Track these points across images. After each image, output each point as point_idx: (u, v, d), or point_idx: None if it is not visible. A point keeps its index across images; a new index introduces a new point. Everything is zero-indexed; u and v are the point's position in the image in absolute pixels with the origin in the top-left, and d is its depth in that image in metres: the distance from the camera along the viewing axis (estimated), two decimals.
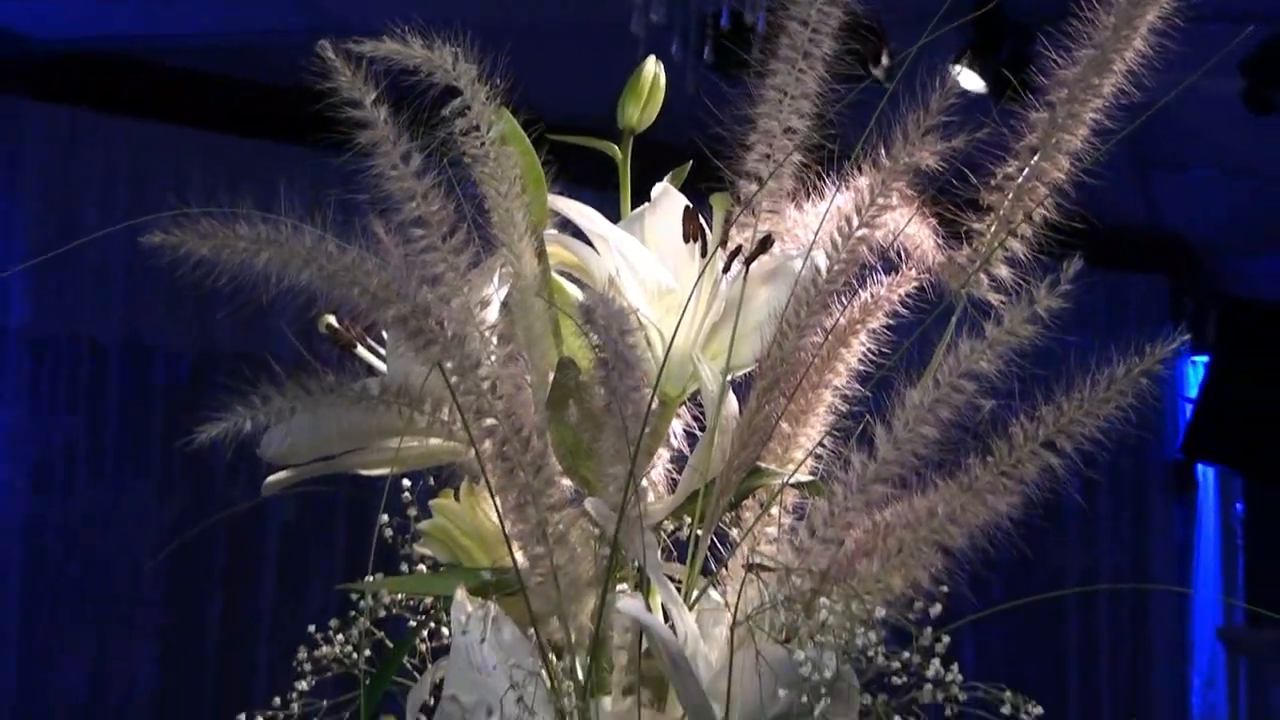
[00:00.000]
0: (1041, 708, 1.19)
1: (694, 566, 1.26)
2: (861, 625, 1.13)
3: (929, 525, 1.22)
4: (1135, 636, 9.46)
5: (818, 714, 1.10)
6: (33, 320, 6.88)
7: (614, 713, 1.19)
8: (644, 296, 1.28)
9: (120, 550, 6.97)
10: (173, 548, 6.75)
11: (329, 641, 1.33)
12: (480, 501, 1.31)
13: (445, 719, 1.17)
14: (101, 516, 6.96)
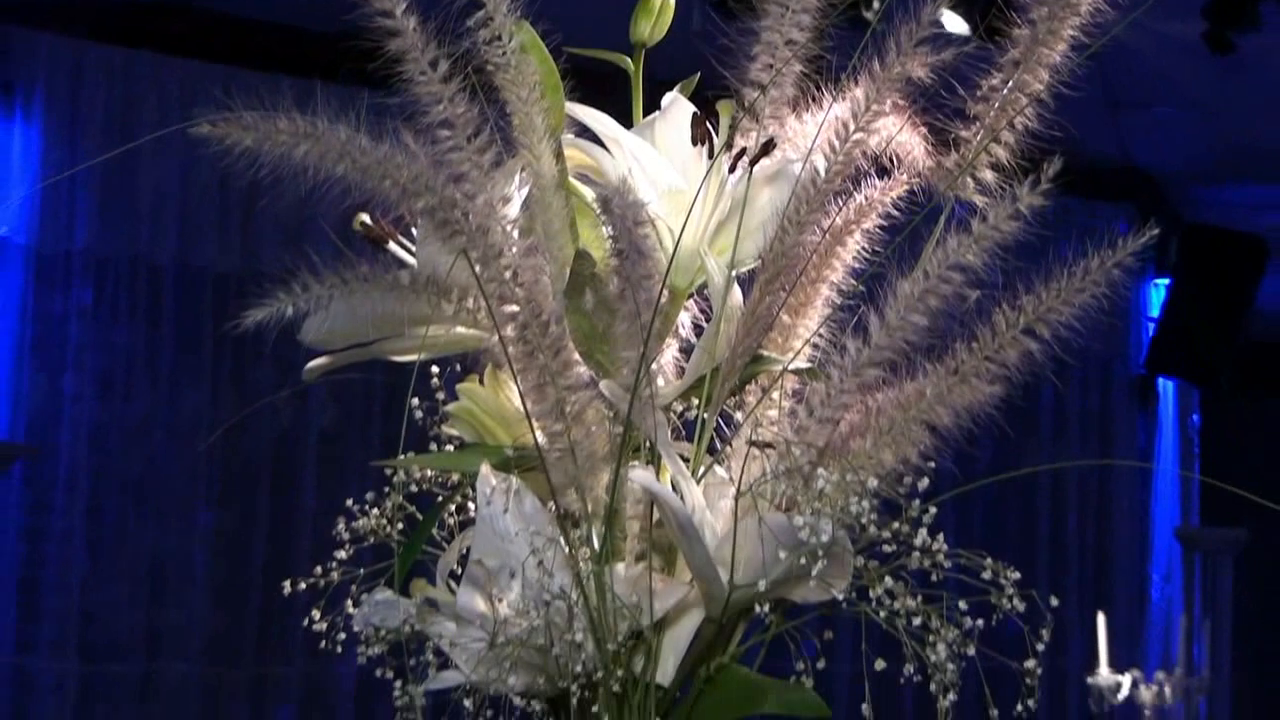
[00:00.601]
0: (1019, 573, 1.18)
1: (701, 444, 1.26)
2: (855, 495, 1.13)
3: (918, 406, 1.21)
4: (1100, 535, 9.51)
5: (815, 574, 1.09)
6: (95, 244, 6.91)
7: (627, 578, 1.18)
8: (655, 195, 1.27)
9: (176, 451, 7.01)
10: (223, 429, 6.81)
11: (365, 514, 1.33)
12: (503, 385, 1.31)
13: (472, 582, 1.17)
14: (159, 420, 6.99)
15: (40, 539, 6.71)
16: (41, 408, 6.75)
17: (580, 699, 1.16)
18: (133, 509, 6.90)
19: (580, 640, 1.12)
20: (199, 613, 7.01)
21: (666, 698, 1.18)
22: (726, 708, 1.19)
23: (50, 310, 6.82)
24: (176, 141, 6.97)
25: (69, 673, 6.68)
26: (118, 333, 6.96)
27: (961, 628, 1.16)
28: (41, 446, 6.67)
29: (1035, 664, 1.18)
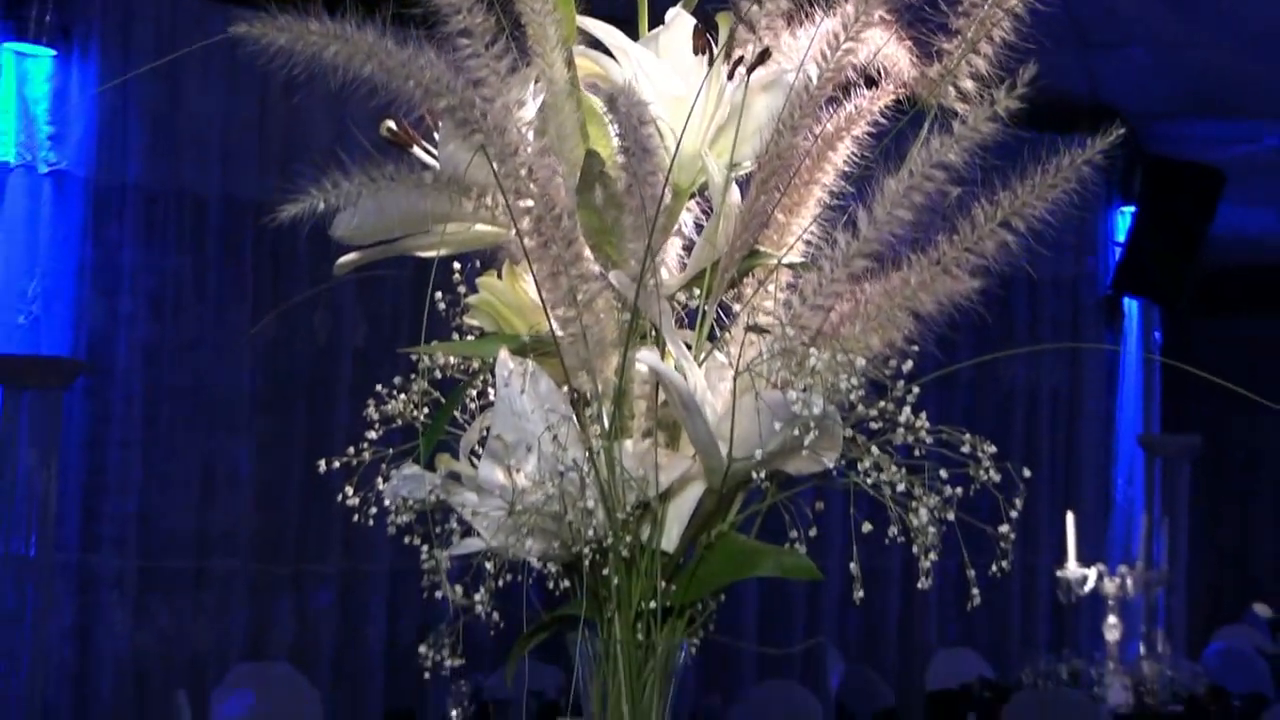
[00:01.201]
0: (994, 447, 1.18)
1: (702, 331, 1.25)
2: (845, 373, 1.12)
3: (903, 294, 1.21)
4: (1069, 442, 9.53)
5: (807, 445, 1.09)
6: (146, 177, 6.91)
7: (634, 453, 1.18)
8: (659, 101, 1.26)
9: (222, 366, 7.03)
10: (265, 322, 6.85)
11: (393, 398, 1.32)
12: (519, 278, 1.30)
13: (491, 455, 1.17)
14: (206, 338, 7.00)
15: (101, 448, 6.73)
16: (100, 328, 6.75)
17: (592, 563, 1.16)
18: (183, 419, 6.92)
19: (592, 508, 1.12)
20: (244, 514, 7.04)
21: (671, 562, 1.18)
22: (726, 571, 1.19)
23: (106, 237, 6.82)
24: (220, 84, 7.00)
25: (128, 568, 6.71)
26: (167, 258, 6.97)
27: (942, 495, 1.16)
28: (100, 363, 6.68)
29: (1009, 529, 1.18)
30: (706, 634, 1.22)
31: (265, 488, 7.10)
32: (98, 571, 6.64)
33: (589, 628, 1.17)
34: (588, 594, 1.18)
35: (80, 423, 6.63)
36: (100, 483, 6.69)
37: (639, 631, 1.16)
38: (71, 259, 6.69)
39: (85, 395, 6.65)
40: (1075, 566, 7.26)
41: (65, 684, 6.49)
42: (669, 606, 1.16)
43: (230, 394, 7.02)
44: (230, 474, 7.03)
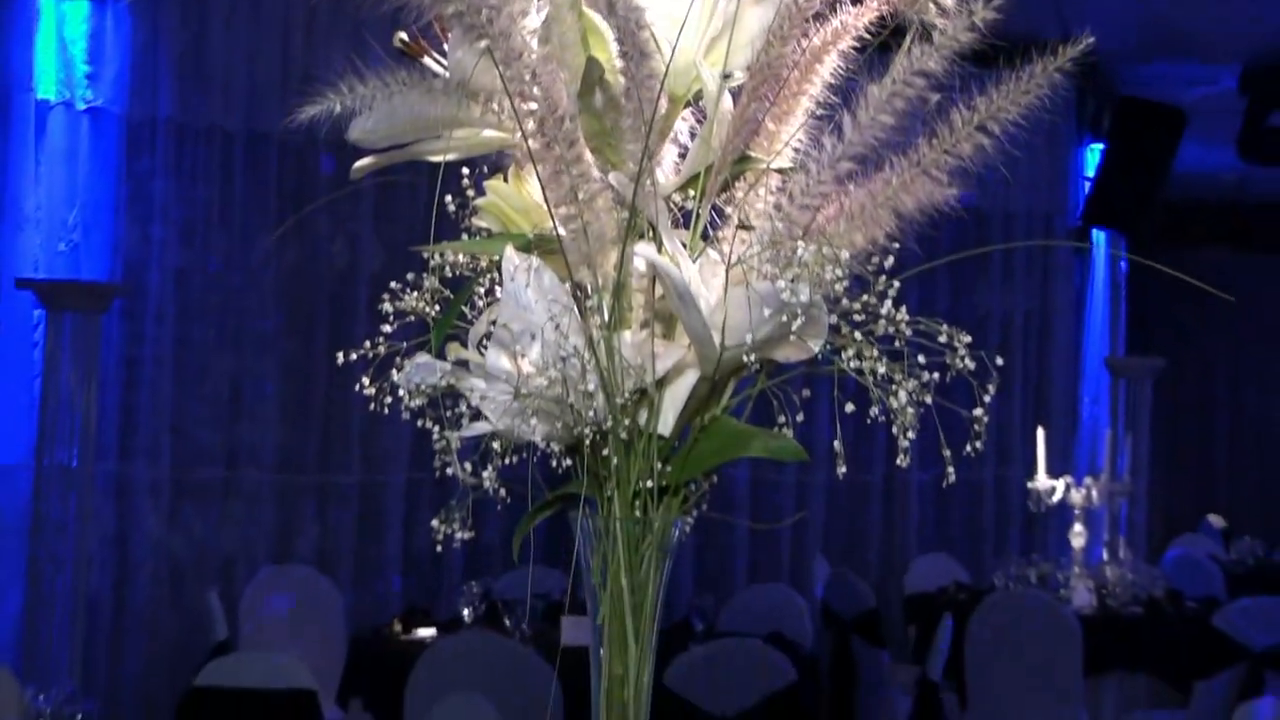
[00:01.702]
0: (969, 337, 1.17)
1: (696, 230, 1.24)
2: (830, 264, 1.11)
3: (885, 194, 1.20)
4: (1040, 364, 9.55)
5: (794, 331, 1.08)
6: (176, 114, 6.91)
7: (632, 343, 1.17)
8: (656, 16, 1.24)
9: (248, 289, 7.04)
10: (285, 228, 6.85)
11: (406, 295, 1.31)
12: (524, 182, 1.29)
13: (498, 343, 1.16)
14: (233, 264, 7.01)
15: (137, 366, 6.75)
16: (134, 255, 6.76)
17: (593, 444, 1.16)
18: (212, 340, 6.94)
19: (592, 391, 1.12)
20: (270, 428, 7.06)
21: (666, 445, 1.18)
22: (718, 452, 1.18)
23: (139, 170, 6.82)
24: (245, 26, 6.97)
25: (162, 478, 6.75)
26: (196, 189, 6.97)
27: (920, 379, 1.15)
28: (135, 286, 6.68)
29: (982, 412, 1.17)
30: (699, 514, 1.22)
31: (289, 404, 7.13)
32: (134, 481, 6.68)
33: (590, 505, 1.17)
34: (588, 474, 1.17)
35: (117, 343, 6.65)
36: (136, 399, 6.72)
37: (637, 509, 1.16)
38: (108, 190, 6.69)
39: (122, 317, 6.66)
40: (1044, 479, 7.28)
41: (106, 585, 6.54)
42: (665, 486, 1.16)
43: (255, 316, 7.04)
44: (256, 391, 7.05)
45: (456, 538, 1.19)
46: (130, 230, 6.76)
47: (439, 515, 1.21)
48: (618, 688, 1.12)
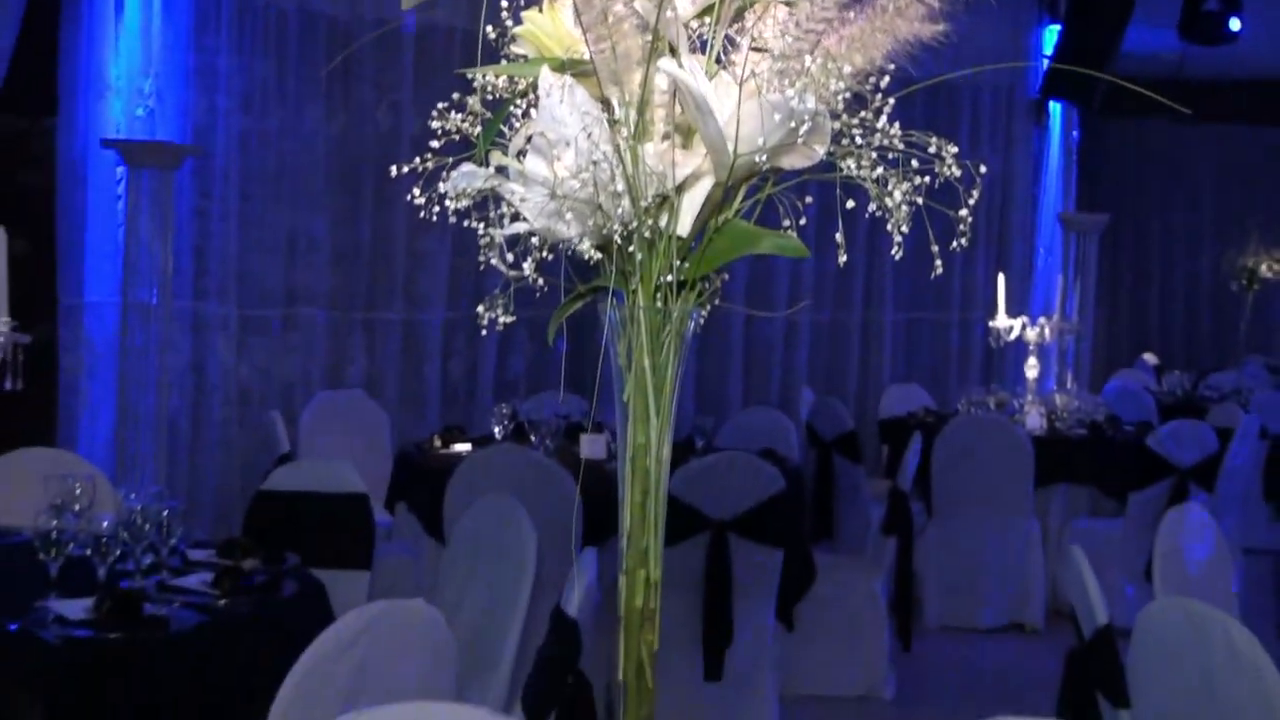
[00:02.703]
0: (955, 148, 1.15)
1: (711, 55, 1.22)
2: (834, 77, 1.09)
3: (882, 20, 1.17)
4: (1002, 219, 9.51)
5: (801, 135, 1.06)
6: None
7: (655, 152, 1.15)
8: None
9: (302, 152, 6.98)
10: None
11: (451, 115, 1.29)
12: (558, 11, 1.26)
13: (536, 150, 1.14)
14: (288, 130, 6.94)
15: (206, 218, 6.72)
16: (203, 120, 6.70)
17: (620, 243, 1.14)
18: (271, 195, 6.90)
19: (620, 191, 1.10)
20: (322, 272, 7.05)
21: (685, 244, 1.17)
22: (730, 250, 1.17)
23: (207, 44, 6.74)
24: None
25: (230, 315, 6.75)
26: (255, 63, 6.90)
27: (913, 182, 1.13)
28: (204, 146, 6.63)
29: (966, 213, 1.15)
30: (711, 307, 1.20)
31: (339, 251, 7.11)
32: (207, 318, 6.68)
33: (617, 297, 1.16)
34: (616, 270, 1.16)
35: (189, 197, 6.61)
36: (206, 246, 6.70)
37: (658, 300, 1.14)
38: (179, 63, 6.61)
39: (192, 175, 6.62)
40: (1003, 319, 7.28)
41: (184, 406, 6.57)
42: (683, 280, 1.15)
43: (308, 175, 7.00)
44: (310, 240, 7.02)
45: (499, 322, 1.17)
46: (199, 98, 6.69)
47: (483, 303, 1.20)
48: (641, 456, 1.11)
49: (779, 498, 5.04)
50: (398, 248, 7.24)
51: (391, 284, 7.25)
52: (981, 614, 6.69)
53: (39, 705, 2.78)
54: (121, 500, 3.47)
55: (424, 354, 7.37)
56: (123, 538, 3.27)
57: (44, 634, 2.91)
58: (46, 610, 3.03)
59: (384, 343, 7.26)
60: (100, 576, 3.18)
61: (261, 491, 4.52)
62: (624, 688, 1.08)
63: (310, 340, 7.00)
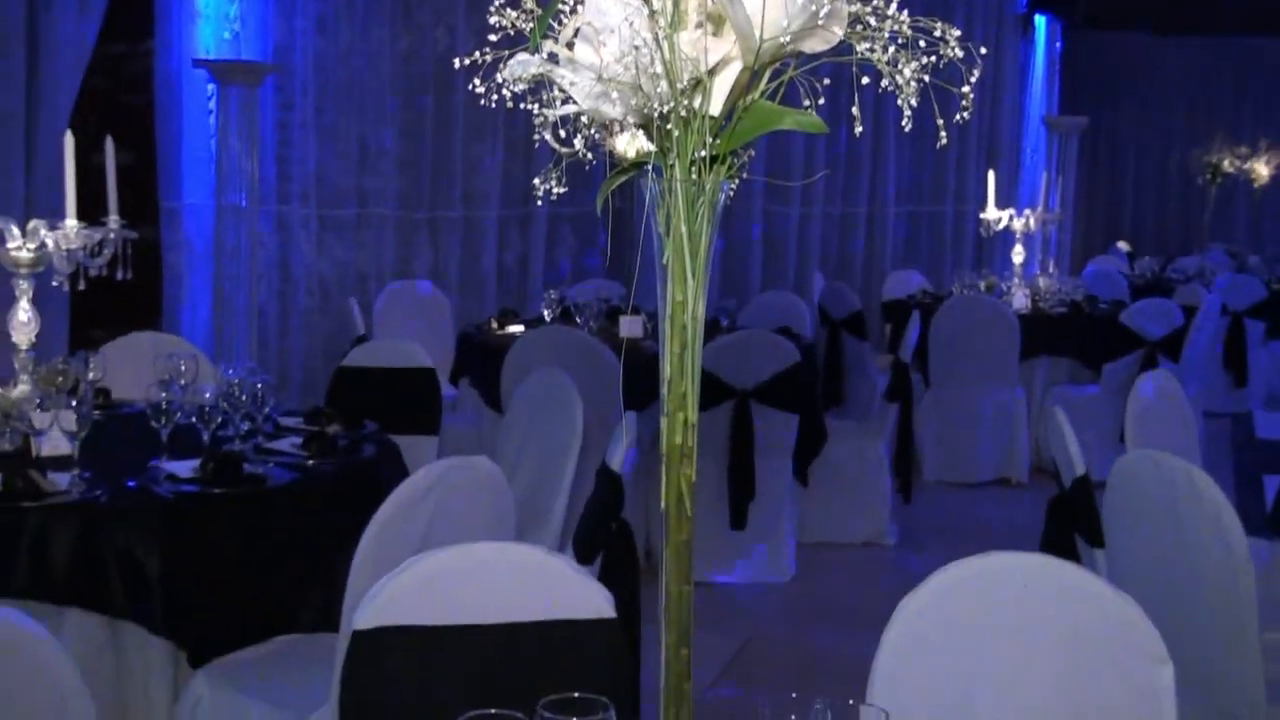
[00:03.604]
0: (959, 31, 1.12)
1: None
2: None
3: None
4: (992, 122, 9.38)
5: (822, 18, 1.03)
6: None
7: (689, 39, 1.12)
8: None
9: (371, 68, 6.91)
10: None
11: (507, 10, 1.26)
12: None
13: (584, 39, 1.12)
14: (357, 48, 6.86)
15: (288, 129, 6.67)
16: (282, 39, 6.62)
17: (659, 122, 1.12)
18: (344, 108, 6.84)
19: (659, 74, 1.08)
20: (390, 176, 7.02)
21: (716, 122, 1.14)
22: (757, 127, 1.14)
23: None
24: None
25: (310, 215, 6.73)
26: None
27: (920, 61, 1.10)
28: (284, 65, 6.57)
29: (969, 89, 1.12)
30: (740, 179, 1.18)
31: (404, 158, 7.07)
32: (290, 218, 6.67)
33: (656, 172, 1.14)
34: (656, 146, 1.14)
35: (272, 111, 6.56)
36: (288, 154, 6.67)
37: (693, 173, 1.12)
38: None
39: (274, 91, 6.56)
40: (993, 211, 7.20)
41: (273, 296, 6.59)
42: (715, 155, 1.13)
43: (377, 90, 6.93)
44: (379, 148, 6.97)
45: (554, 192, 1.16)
46: (279, 21, 6.61)
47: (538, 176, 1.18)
48: (679, 312, 1.10)
49: (795, 369, 5.04)
50: (456, 155, 7.19)
51: (451, 186, 7.22)
52: (973, 470, 6.71)
53: (155, 550, 2.82)
54: (220, 375, 3.49)
55: (481, 247, 7.35)
56: (223, 407, 3.29)
57: (158, 489, 2.95)
58: (159, 469, 3.07)
59: (446, 238, 7.24)
60: (204, 440, 3.21)
61: (341, 368, 4.55)
62: (666, 515, 1.08)
63: (381, 237, 6.98)
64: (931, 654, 2.01)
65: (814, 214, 8.59)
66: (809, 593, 5.10)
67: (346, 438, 3.46)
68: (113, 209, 3.52)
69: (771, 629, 4.74)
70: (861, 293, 8.08)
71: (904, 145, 8.89)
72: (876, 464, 5.69)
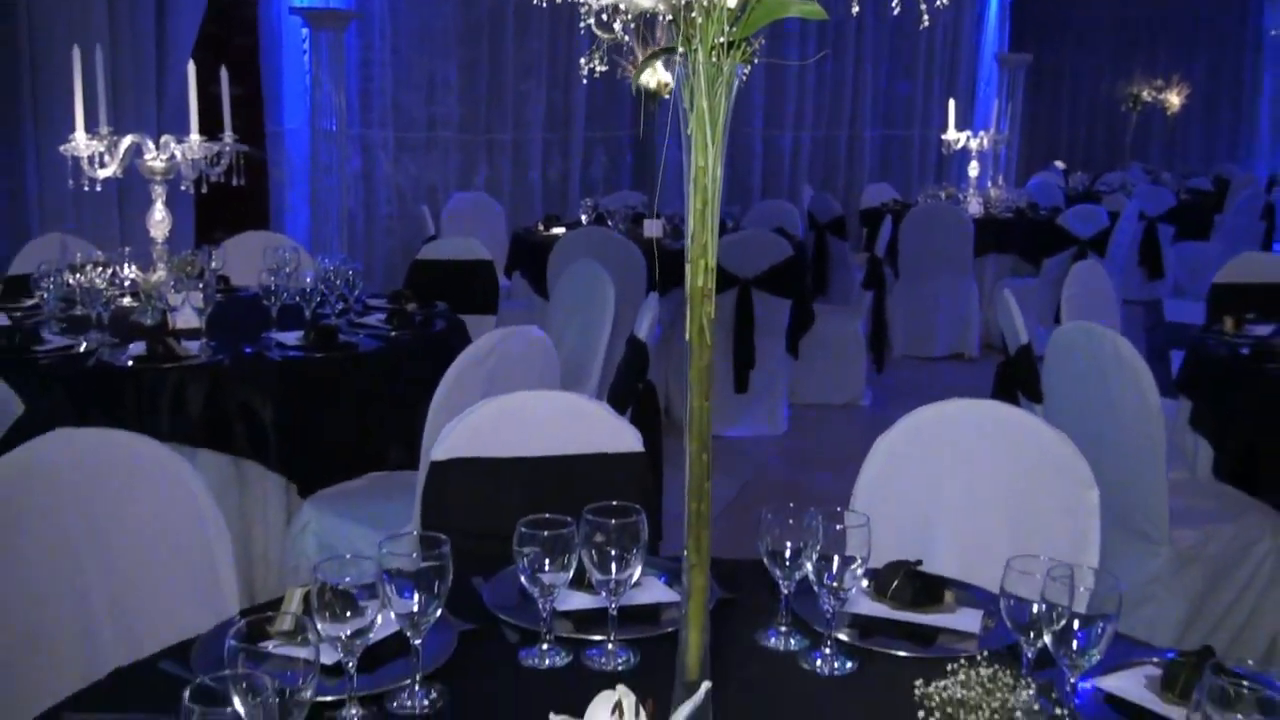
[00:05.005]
0: None
1: None
2: None
3: None
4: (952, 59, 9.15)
5: None
6: None
7: None
8: None
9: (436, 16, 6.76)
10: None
11: None
12: None
13: None
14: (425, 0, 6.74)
15: (369, 65, 6.57)
16: None
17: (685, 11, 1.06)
18: (415, 47, 6.72)
19: None
20: (453, 105, 6.92)
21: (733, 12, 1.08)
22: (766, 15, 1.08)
23: None
24: None
25: (389, 138, 6.65)
26: None
27: None
28: (364, 12, 6.44)
29: None
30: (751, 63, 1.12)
31: (465, 90, 6.95)
32: (372, 140, 6.59)
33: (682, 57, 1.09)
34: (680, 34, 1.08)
35: (355, 50, 6.45)
36: (369, 87, 6.57)
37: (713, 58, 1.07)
38: None
39: (356, 34, 6.44)
40: (953, 132, 7.06)
41: (358, 205, 6.54)
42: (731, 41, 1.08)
43: (443, 32, 6.79)
44: (445, 81, 6.86)
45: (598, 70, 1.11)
46: None
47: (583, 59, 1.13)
48: (701, 176, 1.06)
49: (788, 262, 4.98)
50: (507, 88, 7.07)
51: (504, 114, 7.11)
52: (933, 346, 6.67)
53: (270, 402, 2.82)
54: (319, 265, 3.47)
55: (529, 164, 7.27)
56: (320, 290, 3.28)
57: (269, 354, 2.94)
58: (270, 339, 3.06)
59: (499, 157, 7.15)
60: (306, 316, 3.20)
61: (416, 260, 4.52)
62: (689, 345, 1.05)
63: (446, 156, 6.90)
64: (902, 478, 2.00)
65: (804, 138, 8.45)
66: (798, 443, 5.11)
67: (421, 314, 3.45)
68: (228, 127, 3.48)
69: (768, 472, 4.75)
70: (843, 201, 7.99)
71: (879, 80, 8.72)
72: (855, 340, 5.65)
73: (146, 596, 1.74)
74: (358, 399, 2.96)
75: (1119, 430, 2.77)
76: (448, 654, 1.40)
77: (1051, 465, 1.95)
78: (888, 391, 5.88)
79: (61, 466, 1.74)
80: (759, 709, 1.31)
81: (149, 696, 1.28)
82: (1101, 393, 2.85)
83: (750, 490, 4.45)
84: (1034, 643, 1.27)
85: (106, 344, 2.93)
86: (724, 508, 4.17)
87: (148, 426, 2.68)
